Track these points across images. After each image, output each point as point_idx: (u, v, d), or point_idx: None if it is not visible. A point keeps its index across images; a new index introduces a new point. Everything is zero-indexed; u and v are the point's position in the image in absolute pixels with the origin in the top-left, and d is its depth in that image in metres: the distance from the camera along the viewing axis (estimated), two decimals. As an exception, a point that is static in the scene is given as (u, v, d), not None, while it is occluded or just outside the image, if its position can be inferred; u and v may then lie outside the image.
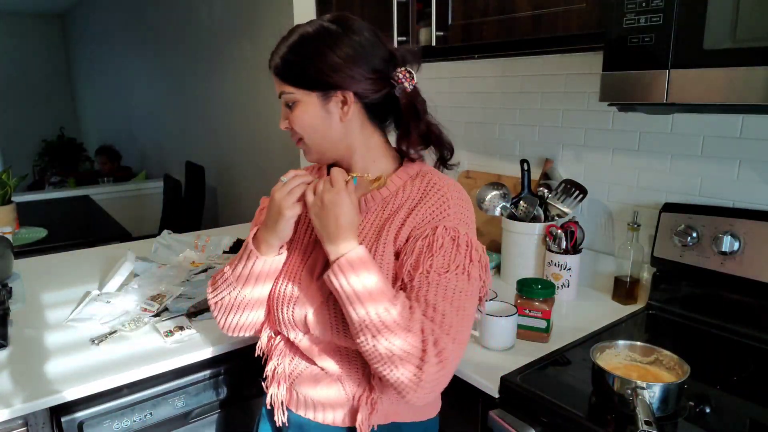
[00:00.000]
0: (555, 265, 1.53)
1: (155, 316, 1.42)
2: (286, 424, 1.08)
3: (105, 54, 6.72)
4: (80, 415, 1.14)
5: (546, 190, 1.65)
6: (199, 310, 1.43)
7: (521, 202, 1.65)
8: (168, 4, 4.68)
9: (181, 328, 1.33)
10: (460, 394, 1.21)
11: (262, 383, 1.12)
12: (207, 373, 1.30)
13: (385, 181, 1.00)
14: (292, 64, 0.95)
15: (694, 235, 1.33)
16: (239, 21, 3.65)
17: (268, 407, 1.09)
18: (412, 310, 0.87)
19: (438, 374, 0.85)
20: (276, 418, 1.08)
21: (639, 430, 0.87)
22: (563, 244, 1.52)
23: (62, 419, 1.13)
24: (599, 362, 1.03)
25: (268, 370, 1.09)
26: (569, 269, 1.52)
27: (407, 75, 0.98)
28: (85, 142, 7.87)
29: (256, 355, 1.13)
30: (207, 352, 1.27)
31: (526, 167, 1.66)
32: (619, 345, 1.10)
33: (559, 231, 1.53)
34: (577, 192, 1.56)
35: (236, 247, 1.86)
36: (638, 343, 1.09)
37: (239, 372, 1.33)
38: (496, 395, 1.12)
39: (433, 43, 1.51)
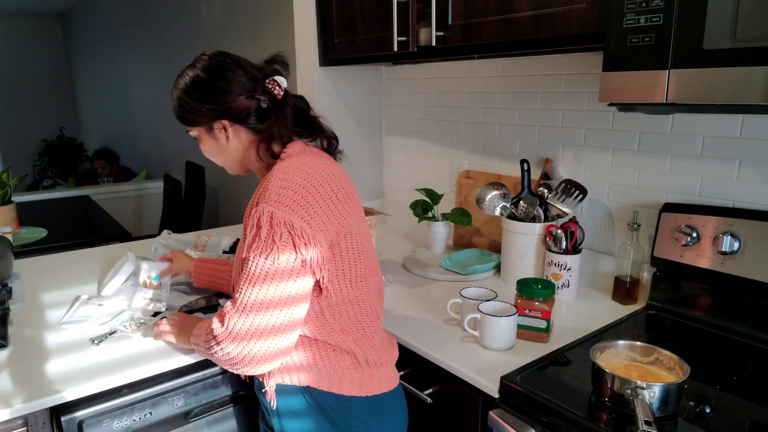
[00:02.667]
0: (555, 265, 1.53)
1: (154, 315, 1.42)
2: (248, 380, 1.32)
3: (105, 54, 6.72)
4: (80, 414, 1.14)
5: (546, 190, 1.65)
6: (190, 310, 1.43)
7: (521, 202, 1.65)
8: (169, 4, 4.68)
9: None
10: (460, 394, 1.22)
11: None
12: (206, 372, 1.30)
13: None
14: (177, 112, 1.17)
15: (694, 235, 1.33)
16: (240, 20, 3.65)
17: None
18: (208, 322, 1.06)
19: (238, 347, 0.99)
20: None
21: (639, 430, 0.88)
22: (563, 244, 1.52)
23: (62, 419, 1.13)
24: (599, 362, 1.03)
25: None
26: (569, 269, 1.52)
27: (274, 84, 1.14)
28: (85, 142, 7.88)
29: None
30: (207, 352, 1.27)
31: (526, 167, 1.66)
32: (619, 345, 1.10)
33: (559, 231, 1.53)
34: (577, 192, 1.57)
35: (236, 247, 1.87)
36: (638, 343, 1.09)
37: (239, 372, 1.34)
38: (496, 395, 1.12)
39: (433, 43, 1.51)
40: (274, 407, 1.12)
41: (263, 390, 1.13)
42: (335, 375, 1.10)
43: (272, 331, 0.99)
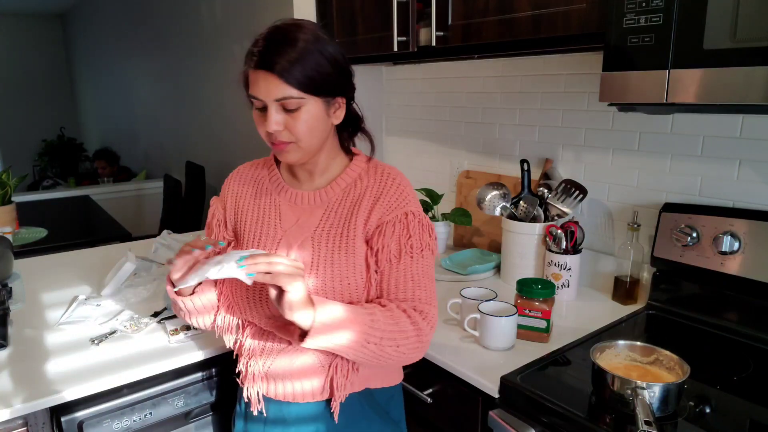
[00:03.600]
0: (555, 265, 1.53)
1: (154, 315, 1.42)
2: (265, 414, 1.12)
3: (105, 54, 6.72)
4: (80, 414, 1.14)
5: (546, 190, 1.65)
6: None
7: (521, 202, 1.65)
8: (168, 4, 4.68)
9: (188, 328, 1.33)
10: (460, 394, 1.22)
11: (237, 380, 1.16)
12: (207, 372, 1.30)
13: None
14: (309, 71, 0.96)
15: (694, 235, 1.33)
16: (240, 20, 3.66)
17: (246, 400, 1.13)
18: (388, 307, 1.01)
19: (431, 334, 1.04)
20: (254, 410, 1.12)
21: (639, 430, 0.87)
22: (563, 244, 1.52)
23: (62, 419, 1.13)
24: (599, 362, 1.03)
25: (241, 366, 1.13)
26: (569, 269, 1.52)
27: None
28: (85, 142, 7.88)
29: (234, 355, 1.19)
30: (206, 352, 1.27)
31: (526, 167, 1.66)
32: (619, 345, 1.10)
33: (559, 231, 1.53)
34: (577, 192, 1.56)
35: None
36: (638, 343, 1.09)
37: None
38: (496, 395, 1.12)
39: (433, 43, 1.51)
40: (336, 420, 1.08)
41: (327, 399, 1.08)
42: (388, 367, 1.14)
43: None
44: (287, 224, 1.10)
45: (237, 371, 1.15)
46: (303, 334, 0.94)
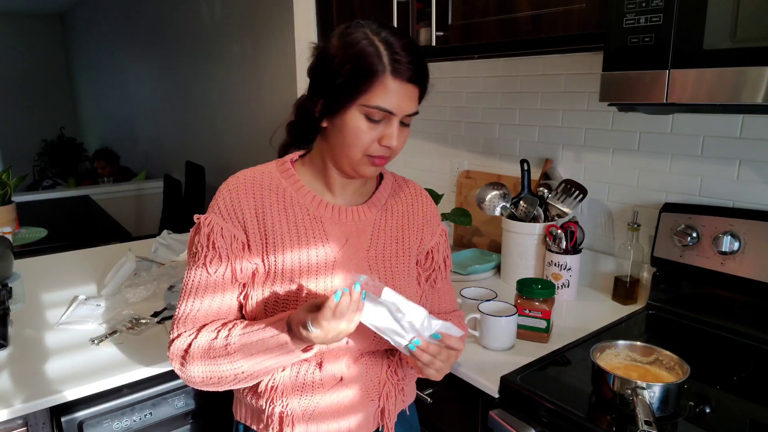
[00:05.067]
0: (555, 265, 1.53)
1: (154, 315, 1.42)
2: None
3: (105, 54, 6.72)
4: (80, 414, 1.14)
5: (546, 190, 1.65)
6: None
7: (521, 202, 1.65)
8: (168, 4, 4.68)
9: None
10: (460, 394, 1.21)
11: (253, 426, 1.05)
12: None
13: None
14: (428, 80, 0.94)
15: (694, 235, 1.33)
16: (239, 20, 3.65)
17: None
18: (453, 317, 1.12)
19: None
20: None
21: (639, 430, 0.87)
22: (563, 244, 1.52)
23: (62, 419, 1.13)
24: (599, 362, 1.03)
25: (275, 414, 0.98)
26: (569, 269, 1.52)
27: None
28: (85, 142, 7.87)
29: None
30: (207, 352, 1.27)
31: (526, 167, 1.66)
32: (619, 345, 1.10)
33: (559, 231, 1.53)
34: (577, 192, 1.56)
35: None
36: (638, 343, 1.09)
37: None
38: (496, 395, 1.12)
39: (433, 43, 1.51)
40: None
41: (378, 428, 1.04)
42: (413, 383, 1.14)
43: None
44: (337, 245, 0.97)
45: (266, 418, 0.99)
46: None
